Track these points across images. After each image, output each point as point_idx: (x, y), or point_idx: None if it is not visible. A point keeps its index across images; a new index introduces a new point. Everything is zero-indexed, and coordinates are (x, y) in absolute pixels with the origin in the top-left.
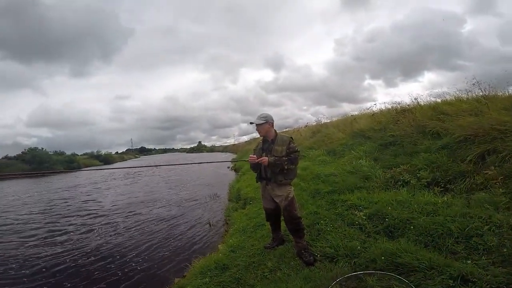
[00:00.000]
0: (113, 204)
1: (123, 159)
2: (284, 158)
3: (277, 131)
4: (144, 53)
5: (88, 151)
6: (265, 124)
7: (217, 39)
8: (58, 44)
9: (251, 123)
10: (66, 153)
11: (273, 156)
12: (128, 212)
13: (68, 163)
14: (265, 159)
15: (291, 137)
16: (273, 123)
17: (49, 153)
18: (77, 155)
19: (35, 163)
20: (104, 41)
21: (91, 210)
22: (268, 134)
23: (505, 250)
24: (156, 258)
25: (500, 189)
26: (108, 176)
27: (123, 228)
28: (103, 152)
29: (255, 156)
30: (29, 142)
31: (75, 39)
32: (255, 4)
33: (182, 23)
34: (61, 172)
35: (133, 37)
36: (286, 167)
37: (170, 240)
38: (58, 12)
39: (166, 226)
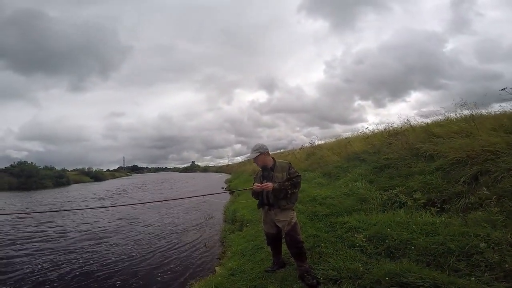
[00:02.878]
0: (99, 225)
1: (114, 177)
2: (286, 183)
3: (275, 158)
4: (141, 70)
5: (79, 167)
6: (260, 156)
7: (213, 59)
8: (59, 57)
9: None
10: (56, 168)
11: (275, 183)
12: (117, 233)
13: (57, 178)
14: (269, 185)
15: (289, 162)
16: (267, 152)
17: (38, 167)
18: (67, 170)
19: (23, 177)
20: (103, 57)
21: (77, 232)
22: (266, 163)
23: (506, 266)
24: (151, 281)
25: (496, 208)
26: (96, 193)
27: (111, 250)
28: (94, 168)
29: (259, 184)
30: (19, 155)
31: (76, 53)
32: (249, 26)
33: (179, 42)
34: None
35: (131, 54)
36: (290, 192)
37: (165, 262)
38: (61, 25)
39: (160, 247)
